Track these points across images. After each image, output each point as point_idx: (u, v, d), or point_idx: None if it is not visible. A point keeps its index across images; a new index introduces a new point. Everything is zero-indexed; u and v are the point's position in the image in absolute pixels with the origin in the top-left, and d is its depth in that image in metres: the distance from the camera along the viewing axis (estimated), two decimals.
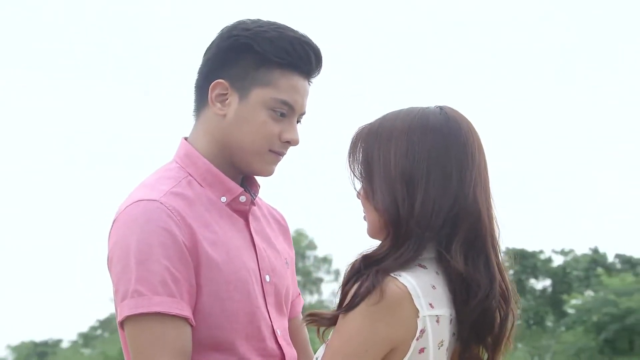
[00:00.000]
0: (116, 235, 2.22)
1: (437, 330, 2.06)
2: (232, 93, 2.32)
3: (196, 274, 2.21)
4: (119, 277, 2.18)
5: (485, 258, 2.11)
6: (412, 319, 2.02)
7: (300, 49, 2.31)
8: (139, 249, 2.16)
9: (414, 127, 2.12)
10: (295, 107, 2.33)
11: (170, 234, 2.18)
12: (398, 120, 2.14)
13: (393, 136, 2.13)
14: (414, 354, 2.04)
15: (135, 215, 2.20)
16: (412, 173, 2.09)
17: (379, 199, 2.11)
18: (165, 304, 2.14)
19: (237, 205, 2.36)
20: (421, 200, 2.08)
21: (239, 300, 2.26)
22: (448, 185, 2.09)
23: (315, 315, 2.15)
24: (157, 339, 2.14)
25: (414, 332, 2.03)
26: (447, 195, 2.09)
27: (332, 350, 2.06)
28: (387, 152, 2.12)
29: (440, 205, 2.08)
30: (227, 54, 2.33)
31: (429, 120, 2.13)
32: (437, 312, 2.06)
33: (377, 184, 2.12)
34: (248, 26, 2.33)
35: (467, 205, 2.10)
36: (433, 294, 2.06)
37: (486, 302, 2.08)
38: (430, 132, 2.11)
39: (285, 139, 2.33)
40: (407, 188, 2.09)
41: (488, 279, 2.09)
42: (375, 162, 2.13)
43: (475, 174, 2.13)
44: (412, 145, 2.11)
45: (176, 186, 2.28)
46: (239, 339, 2.26)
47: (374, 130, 2.16)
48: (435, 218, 2.08)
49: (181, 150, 2.38)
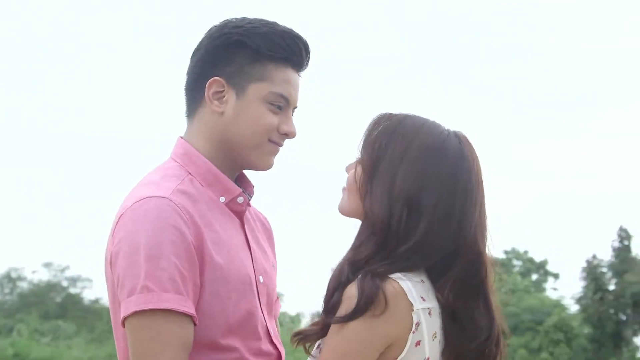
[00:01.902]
0: (123, 230, 2.20)
1: (430, 322, 2.09)
2: (228, 90, 2.33)
3: (200, 273, 2.21)
4: (126, 273, 2.17)
5: (484, 299, 2.13)
6: (407, 314, 2.05)
7: (292, 42, 2.34)
8: (148, 246, 2.15)
9: (432, 153, 2.13)
10: (290, 100, 2.36)
11: (180, 232, 2.18)
12: (418, 137, 2.14)
13: (409, 150, 2.13)
14: (411, 347, 2.07)
15: (144, 212, 2.19)
16: (419, 200, 2.10)
17: (374, 204, 2.12)
18: (174, 301, 2.14)
19: (235, 205, 2.36)
20: (423, 231, 2.09)
21: (238, 300, 2.26)
22: (451, 221, 2.11)
23: (302, 333, 2.19)
24: (162, 335, 2.14)
25: (410, 325, 2.06)
26: (449, 230, 2.10)
27: (330, 352, 2.08)
28: (396, 165, 2.13)
29: (442, 239, 2.10)
30: (219, 52, 2.34)
31: (448, 152, 2.14)
32: (429, 305, 2.08)
33: (377, 187, 2.13)
34: (238, 24, 2.35)
35: (467, 244, 2.11)
36: (422, 287, 2.09)
37: (485, 344, 2.12)
38: (447, 165, 2.13)
39: (284, 131, 2.35)
40: (408, 211, 2.10)
41: (489, 321, 2.12)
42: (382, 169, 2.14)
43: (476, 214, 2.14)
44: (424, 170, 2.11)
45: (181, 184, 2.28)
46: (237, 338, 2.26)
47: (392, 130, 2.17)
48: (435, 250, 2.10)
49: (179, 149, 2.38)
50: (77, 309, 42.68)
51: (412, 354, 2.07)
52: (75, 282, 45.74)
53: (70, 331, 36.34)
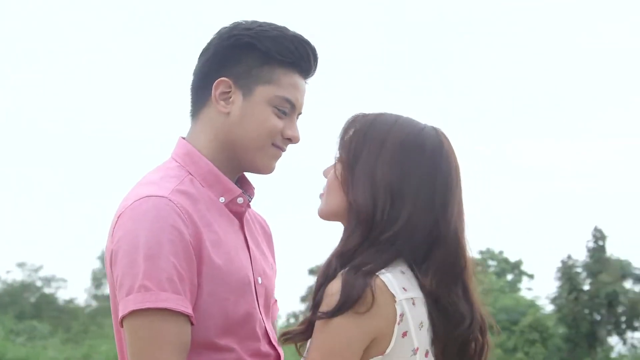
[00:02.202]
0: (123, 229, 2.21)
1: (415, 312, 2.10)
2: (235, 91, 2.34)
3: (198, 273, 2.21)
4: (125, 272, 2.17)
5: (463, 286, 2.16)
6: (390, 306, 2.07)
7: (301, 48, 2.36)
8: (148, 245, 2.16)
9: (410, 144, 2.17)
10: (296, 105, 2.37)
11: (179, 231, 2.19)
12: (394, 129, 2.19)
13: (386, 143, 2.17)
14: (398, 339, 2.08)
15: (144, 211, 2.20)
16: (401, 188, 2.14)
17: (358, 194, 2.15)
18: (172, 301, 2.15)
19: (234, 206, 2.37)
20: (406, 217, 2.13)
21: (236, 301, 2.27)
22: (432, 209, 2.15)
23: (289, 333, 2.21)
24: (160, 334, 2.14)
25: (394, 318, 2.07)
26: (430, 218, 2.14)
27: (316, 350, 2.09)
28: (375, 156, 2.17)
29: (424, 227, 2.13)
30: (228, 53, 2.35)
31: (425, 142, 2.18)
32: (412, 295, 2.10)
33: (359, 179, 2.16)
34: (248, 26, 2.36)
35: (447, 232, 2.16)
36: (403, 278, 2.11)
37: (467, 332, 2.14)
38: (426, 155, 2.17)
39: (287, 136, 2.36)
40: (390, 199, 2.14)
41: (469, 307, 2.15)
42: (363, 159, 2.18)
43: (455, 204, 2.19)
44: (406, 161, 2.16)
45: (180, 184, 2.29)
46: (234, 339, 2.27)
47: (367, 126, 2.21)
48: (415, 237, 2.13)
49: (181, 149, 2.38)
50: (51, 309, 42.45)
51: (400, 346, 2.09)
52: (50, 282, 45.54)
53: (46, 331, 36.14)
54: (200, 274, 2.22)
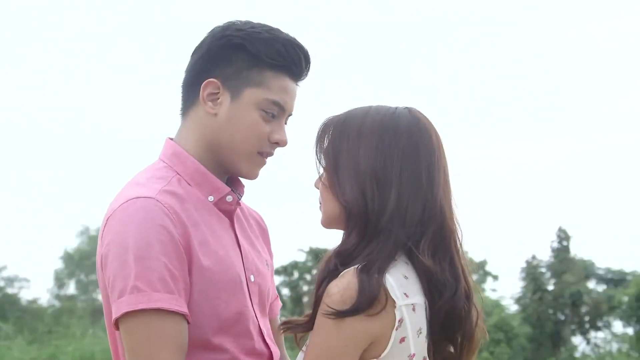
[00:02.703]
0: (112, 232, 2.21)
1: (415, 319, 2.10)
2: (223, 92, 2.33)
3: (188, 272, 2.21)
4: (116, 274, 2.17)
5: (449, 259, 2.16)
6: (389, 310, 2.06)
7: (292, 51, 2.34)
8: (137, 246, 2.16)
9: (385, 127, 2.17)
10: (286, 108, 2.36)
11: (168, 231, 2.19)
12: (368, 118, 2.19)
13: (362, 133, 2.17)
14: (395, 344, 2.08)
15: (132, 213, 2.19)
16: (385, 171, 2.14)
17: (346, 192, 2.15)
18: (165, 301, 2.14)
19: (224, 204, 2.36)
20: (395, 198, 2.13)
21: (228, 300, 2.27)
22: (419, 186, 2.15)
23: (290, 322, 2.21)
24: (156, 335, 2.14)
25: (392, 322, 2.07)
26: (418, 196, 2.14)
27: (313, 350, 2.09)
28: (355, 148, 2.16)
29: (414, 205, 2.13)
30: (219, 53, 2.34)
31: (400, 122, 2.18)
32: (412, 301, 2.10)
33: (344, 177, 2.16)
34: (241, 27, 2.34)
35: (435, 207, 2.16)
36: (406, 283, 2.10)
37: (452, 301, 2.13)
38: (402, 134, 2.17)
39: (274, 140, 2.35)
40: (377, 185, 2.14)
41: (454, 278, 2.15)
42: (343, 155, 2.17)
43: (441, 177, 2.19)
44: (383, 144, 2.15)
45: (168, 185, 2.28)
46: (227, 338, 2.27)
47: (341, 124, 2.21)
48: (409, 217, 2.13)
49: (168, 150, 2.38)
50: (14, 309, 42.13)
51: (397, 351, 2.09)
52: (12, 282, 45.25)
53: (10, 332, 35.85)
54: (190, 274, 2.21)
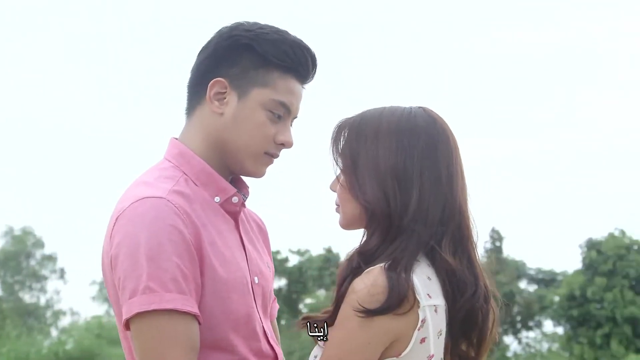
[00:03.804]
0: (122, 232, 2.18)
1: (436, 320, 2.12)
2: (230, 92, 2.33)
3: (200, 273, 2.20)
4: (127, 275, 2.15)
5: (468, 258, 2.19)
6: (414, 310, 2.08)
7: (300, 53, 2.34)
8: (149, 246, 2.13)
9: (403, 127, 2.19)
10: (292, 110, 2.36)
11: (179, 231, 2.17)
12: (384, 119, 2.20)
13: (380, 134, 2.19)
14: (416, 344, 2.10)
15: (142, 212, 2.17)
16: (405, 171, 2.16)
17: (368, 192, 2.17)
18: (178, 301, 2.13)
19: (229, 205, 2.36)
20: (417, 197, 2.15)
21: (237, 301, 2.26)
22: (439, 186, 2.17)
23: (310, 318, 2.21)
24: (169, 335, 2.12)
25: (415, 322, 2.09)
26: (439, 196, 2.16)
27: (335, 345, 2.10)
28: (374, 149, 2.18)
29: (435, 204, 2.15)
30: (226, 53, 2.33)
31: (418, 121, 2.20)
32: (435, 302, 2.12)
33: (363, 178, 2.17)
34: (249, 27, 2.34)
35: (454, 207, 2.18)
36: (429, 284, 2.12)
37: (472, 300, 2.16)
38: (421, 134, 2.19)
39: (280, 141, 2.35)
40: (398, 184, 2.15)
41: (473, 277, 2.18)
42: (362, 157, 2.18)
43: (459, 177, 2.22)
44: (403, 144, 2.17)
45: (176, 184, 2.27)
46: (237, 339, 2.27)
47: (356, 127, 2.22)
48: (431, 215, 2.15)
49: (174, 150, 2.37)
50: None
51: (417, 351, 2.10)
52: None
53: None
54: (202, 274, 2.20)
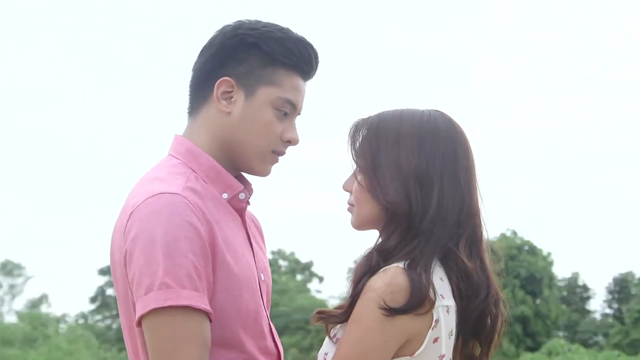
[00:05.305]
0: (137, 227, 2.16)
1: (448, 320, 2.16)
2: (237, 91, 2.32)
3: (212, 270, 2.20)
4: (143, 270, 2.14)
5: (480, 260, 2.23)
6: (429, 310, 2.11)
7: (304, 50, 2.36)
8: (166, 242, 2.13)
9: (425, 131, 2.22)
10: (297, 107, 2.37)
11: (195, 228, 2.16)
12: (404, 122, 2.23)
13: (402, 137, 2.21)
14: (429, 343, 2.13)
15: (158, 208, 2.16)
16: (427, 174, 2.19)
17: (390, 193, 2.18)
18: (193, 298, 2.13)
19: (237, 202, 2.36)
20: (437, 200, 2.18)
21: (247, 299, 2.27)
22: (458, 188, 2.21)
23: (324, 313, 2.22)
24: (183, 332, 2.12)
25: (429, 322, 2.12)
26: (457, 198, 2.20)
27: (350, 342, 2.11)
28: (395, 151, 2.20)
29: (454, 206, 2.19)
30: (232, 52, 2.33)
31: (439, 125, 2.24)
32: (447, 303, 2.16)
33: (384, 179, 2.19)
34: (254, 26, 2.34)
35: (471, 210, 2.22)
36: (442, 285, 2.16)
37: (485, 302, 2.20)
38: (442, 137, 2.22)
39: (287, 139, 2.36)
40: (420, 187, 2.18)
41: (486, 279, 2.22)
42: (382, 158, 2.20)
43: (475, 179, 2.26)
44: (425, 147, 2.20)
45: (188, 181, 2.26)
46: (246, 336, 2.27)
47: (375, 127, 2.24)
48: (449, 218, 2.18)
49: (180, 147, 2.35)
50: None
51: (429, 350, 2.13)
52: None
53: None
54: (214, 271, 2.20)
